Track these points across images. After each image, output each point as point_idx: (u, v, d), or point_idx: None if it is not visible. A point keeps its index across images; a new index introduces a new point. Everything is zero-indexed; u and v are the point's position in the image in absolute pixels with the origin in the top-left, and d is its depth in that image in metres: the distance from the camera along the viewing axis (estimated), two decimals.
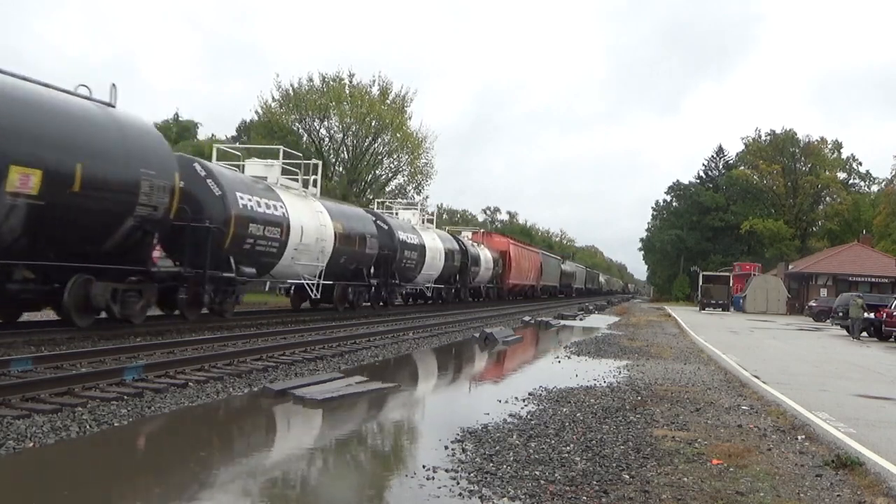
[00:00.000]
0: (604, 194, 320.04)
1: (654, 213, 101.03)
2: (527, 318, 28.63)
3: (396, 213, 32.01)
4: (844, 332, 28.67)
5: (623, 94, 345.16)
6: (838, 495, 5.82)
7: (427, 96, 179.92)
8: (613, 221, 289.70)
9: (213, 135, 53.09)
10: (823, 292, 51.78)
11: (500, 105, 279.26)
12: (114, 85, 13.12)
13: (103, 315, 13.63)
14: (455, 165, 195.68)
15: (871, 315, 26.93)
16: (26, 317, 14.52)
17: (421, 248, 29.56)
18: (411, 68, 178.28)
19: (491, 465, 6.18)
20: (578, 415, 8.71)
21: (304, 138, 48.50)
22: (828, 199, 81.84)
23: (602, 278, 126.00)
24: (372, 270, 25.25)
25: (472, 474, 5.85)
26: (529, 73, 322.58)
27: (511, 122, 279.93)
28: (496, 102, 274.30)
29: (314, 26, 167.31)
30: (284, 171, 21.08)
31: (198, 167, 16.68)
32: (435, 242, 31.76)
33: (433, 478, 5.75)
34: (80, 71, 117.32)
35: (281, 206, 18.78)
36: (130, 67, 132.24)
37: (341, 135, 49.61)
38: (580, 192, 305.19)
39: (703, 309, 52.84)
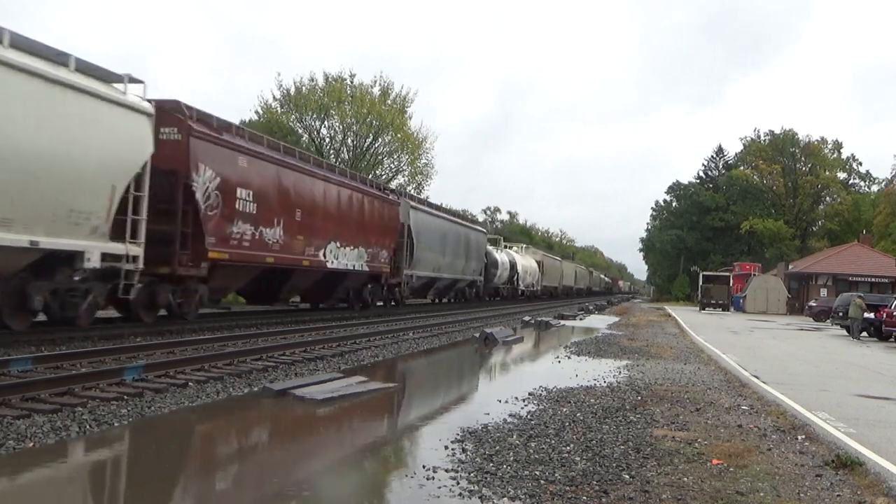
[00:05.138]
0: (604, 194, 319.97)
1: (654, 213, 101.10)
2: (527, 318, 28.63)
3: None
4: (844, 332, 28.67)
5: (646, 92, 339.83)
6: (838, 495, 5.82)
7: (448, 93, 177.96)
8: (618, 221, 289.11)
9: None
10: (823, 292, 51.79)
11: (518, 104, 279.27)
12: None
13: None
14: (469, 163, 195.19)
15: (871, 315, 26.94)
16: None
17: None
18: (427, 66, 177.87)
19: (491, 465, 6.17)
20: (578, 415, 8.71)
21: (304, 138, 48.49)
22: (828, 199, 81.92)
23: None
24: None
25: (472, 474, 5.85)
26: (549, 70, 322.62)
27: (527, 120, 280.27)
28: (514, 102, 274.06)
29: (325, 21, 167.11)
30: None
31: None
32: None
33: (433, 478, 5.75)
34: None
35: None
36: (135, 65, 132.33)
37: (342, 135, 49.63)
38: (587, 192, 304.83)
39: (703, 309, 52.85)
